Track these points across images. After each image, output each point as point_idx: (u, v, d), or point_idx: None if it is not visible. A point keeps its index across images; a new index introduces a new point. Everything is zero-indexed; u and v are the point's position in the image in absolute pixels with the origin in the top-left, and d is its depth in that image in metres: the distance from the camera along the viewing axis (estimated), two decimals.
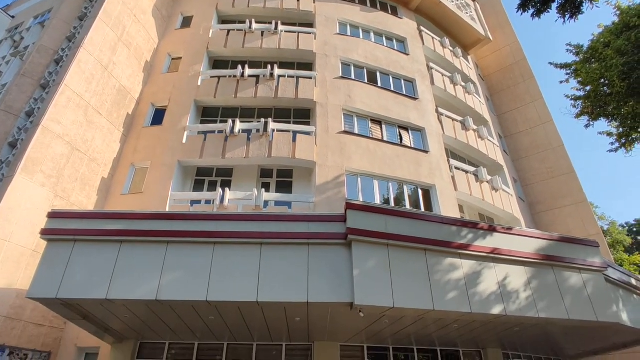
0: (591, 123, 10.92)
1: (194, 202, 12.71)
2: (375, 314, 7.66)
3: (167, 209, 11.97)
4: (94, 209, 12.20)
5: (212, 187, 13.48)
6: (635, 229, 36.54)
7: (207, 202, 12.66)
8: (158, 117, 14.92)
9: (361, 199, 12.83)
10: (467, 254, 8.09)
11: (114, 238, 7.57)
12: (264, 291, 6.95)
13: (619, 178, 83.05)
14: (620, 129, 10.70)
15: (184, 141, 13.71)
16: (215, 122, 14.80)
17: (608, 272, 9.69)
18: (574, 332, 10.13)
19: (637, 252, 29.18)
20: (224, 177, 13.74)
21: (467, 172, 15.85)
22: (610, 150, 11.05)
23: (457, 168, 15.58)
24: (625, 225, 36.42)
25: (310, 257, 7.30)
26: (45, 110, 11.53)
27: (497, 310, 7.71)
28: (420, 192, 14.37)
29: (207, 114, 15.34)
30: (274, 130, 13.73)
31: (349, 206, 7.65)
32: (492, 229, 8.62)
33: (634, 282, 11.13)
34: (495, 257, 8.29)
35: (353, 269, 7.05)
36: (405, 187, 14.20)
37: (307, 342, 10.53)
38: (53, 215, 7.92)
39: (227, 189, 12.38)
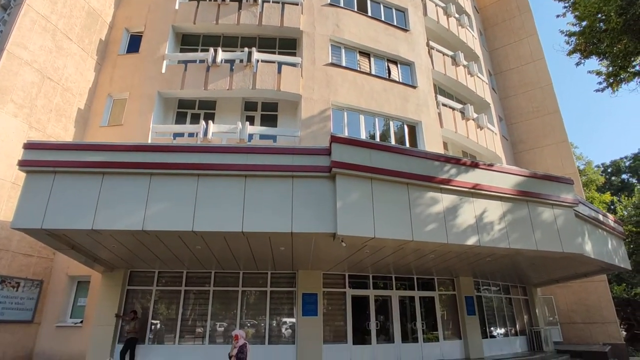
0: (582, 61, 10.75)
1: (176, 135, 12.45)
2: (357, 244, 8.00)
3: (149, 142, 11.72)
4: (73, 141, 11.85)
5: (195, 119, 13.13)
6: (610, 170, 37.95)
7: (190, 135, 12.42)
8: (134, 44, 14.01)
9: (347, 134, 12.76)
10: (449, 189, 8.31)
11: (96, 170, 7.44)
12: (249, 222, 7.10)
13: (601, 119, 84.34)
14: (610, 68, 10.61)
15: (163, 71, 13.04)
16: (196, 51, 13.98)
17: (579, 208, 10.18)
18: (540, 262, 10.87)
19: (608, 192, 30.59)
20: (206, 109, 13.34)
21: (453, 109, 15.77)
22: (597, 90, 11.03)
23: (444, 105, 15.45)
24: (601, 166, 37.73)
25: (294, 189, 7.39)
26: (8, 34, 10.65)
27: (471, 241, 8.14)
28: (406, 128, 14.33)
29: (187, 41, 14.44)
30: (258, 61, 13.12)
31: (334, 139, 7.60)
32: (474, 165, 8.79)
33: (601, 217, 11.80)
34: (475, 192, 8.55)
35: (336, 201, 7.19)
36: (391, 123, 14.11)
37: (291, 271, 11.08)
38: (29, 146, 7.65)
39: (210, 122, 12.08)
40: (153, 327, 10.49)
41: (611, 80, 10.62)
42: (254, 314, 10.81)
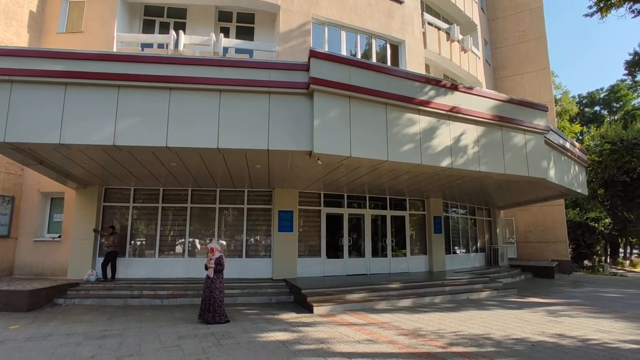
0: None
1: (144, 46, 11.54)
2: (333, 163, 8.10)
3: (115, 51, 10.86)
4: (29, 46, 10.84)
5: (164, 29, 12.12)
6: (584, 101, 38.56)
7: (160, 46, 11.53)
8: None
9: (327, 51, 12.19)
10: (426, 111, 8.29)
11: (57, 80, 6.92)
12: (224, 138, 6.97)
13: (586, 50, 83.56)
14: None
15: None
16: None
17: (549, 135, 10.48)
18: (506, 185, 11.44)
19: (578, 123, 31.41)
20: (176, 18, 12.27)
21: (439, 28, 15.13)
22: (587, 15, 10.76)
23: (429, 24, 14.76)
24: (577, 97, 38.21)
25: (271, 105, 7.19)
26: None
27: (445, 163, 8.36)
28: (388, 48, 13.77)
29: None
30: None
31: (313, 54, 7.24)
32: (453, 88, 8.69)
33: (568, 145, 12.24)
34: (452, 115, 8.58)
35: (314, 119, 7.09)
36: (373, 42, 13.50)
37: (268, 189, 11.28)
38: None
39: (181, 32, 11.19)
40: (133, 242, 10.76)
41: (602, 5, 10.33)
42: (232, 230, 11.19)
